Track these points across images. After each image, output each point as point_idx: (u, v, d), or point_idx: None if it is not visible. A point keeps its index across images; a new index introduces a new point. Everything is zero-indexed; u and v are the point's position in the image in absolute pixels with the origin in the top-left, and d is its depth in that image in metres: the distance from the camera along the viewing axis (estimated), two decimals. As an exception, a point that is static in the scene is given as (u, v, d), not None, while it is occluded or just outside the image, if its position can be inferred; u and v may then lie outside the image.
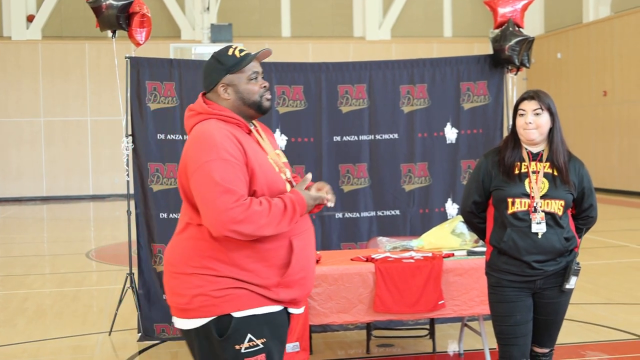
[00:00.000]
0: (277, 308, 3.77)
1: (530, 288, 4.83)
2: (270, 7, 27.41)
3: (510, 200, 4.77)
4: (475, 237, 6.80)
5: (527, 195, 4.75)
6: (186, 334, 3.82)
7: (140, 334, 7.78)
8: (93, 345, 7.83)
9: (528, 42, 7.89)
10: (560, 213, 4.76)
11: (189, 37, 26.38)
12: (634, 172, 23.50)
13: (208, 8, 25.55)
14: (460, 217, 6.94)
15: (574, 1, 26.65)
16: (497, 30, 8.04)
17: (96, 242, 16.34)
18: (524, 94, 4.88)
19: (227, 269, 3.67)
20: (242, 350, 3.66)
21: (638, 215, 19.78)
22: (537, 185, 4.76)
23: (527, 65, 8.02)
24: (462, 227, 6.94)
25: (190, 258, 3.73)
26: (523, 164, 4.82)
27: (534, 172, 4.79)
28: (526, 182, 4.77)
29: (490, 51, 8.12)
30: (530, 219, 4.73)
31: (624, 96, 23.90)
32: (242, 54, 3.86)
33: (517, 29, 7.93)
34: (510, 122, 8.28)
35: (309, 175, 3.89)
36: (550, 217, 4.74)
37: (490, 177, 4.88)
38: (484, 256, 5.84)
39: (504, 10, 8.02)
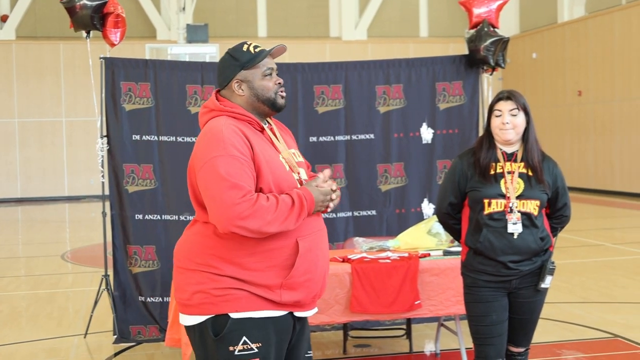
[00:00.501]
0: (279, 313, 3.68)
1: (505, 288, 4.84)
2: (246, 7, 27.37)
3: (486, 201, 4.77)
4: (451, 237, 6.81)
5: (503, 196, 4.76)
6: (187, 330, 3.80)
7: (115, 336, 7.75)
8: (68, 348, 7.78)
9: (503, 43, 7.91)
10: (535, 213, 4.77)
11: (165, 38, 26.29)
12: (609, 171, 23.65)
13: (184, 8, 25.50)
14: (436, 217, 6.95)
15: (548, 1, 26.78)
16: (472, 31, 8.06)
17: (72, 244, 16.25)
18: (500, 94, 4.88)
19: (229, 268, 3.61)
20: (236, 352, 3.60)
21: (613, 214, 19.90)
22: (513, 185, 4.77)
23: (503, 65, 8.04)
24: (438, 227, 6.94)
25: (194, 254, 3.70)
26: (498, 164, 4.82)
27: (509, 173, 4.79)
28: (502, 182, 4.78)
29: (466, 51, 8.14)
30: (506, 220, 4.74)
31: (599, 96, 24.04)
32: (257, 50, 3.82)
33: (492, 29, 7.94)
34: (486, 123, 8.32)
35: (327, 172, 3.79)
36: (526, 217, 4.75)
37: (466, 178, 4.88)
38: (460, 256, 5.85)
39: (479, 11, 8.04)
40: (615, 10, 23.47)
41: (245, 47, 3.83)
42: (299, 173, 3.82)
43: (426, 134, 8.15)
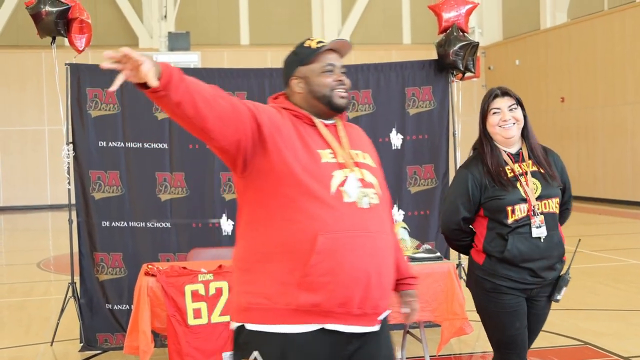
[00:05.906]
0: (301, 328, 3.24)
1: (525, 294, 4.63)
2: (228, 14, 27.31)
3: (509, 208, 4.50)
4: (417, 242, 6.75)
5: (525, 200, 4.51)
6: None
7: (82, 344, 7.69)
8: (33, 356, 7.70)
9: (472, 47, 7.88)
10: (557, 211, 4.60)
11: (147, 46, 26.21)
12: (591, 178, 23.65)
13: (165, 16, 25.43)
14: (402, 223, 6.90)
15: (531, 8, 26.82)
16: (441, 35, 8.02)
17: (50, 252, 16.18)
18: (492, 92, 4.65)
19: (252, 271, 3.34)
20: None
21: (593, 221, 19.88)
22: (530, 187, 4.54)
23: (472, 70, 8.01)
24: (404, 233, 6.87)
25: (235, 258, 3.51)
26: (507, 167, 4.58)
27: (521, 174, 4.57)
28: (518, 185, 4.53)
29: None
30: (530, 224, 4.51)
31: (582, 102, 24.06)
32: (319, 45, 3.51)
33: (461, 34, 7.91)
34: (456, 127, 8.28)
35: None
36: (550, 217, 4.56)
37: (481, 188, 4.58)
38: (425, 262, 5.80)
39: (448, 15, 8.01)
40: (597, 16, 23.51)
41: (307, 43, 3.55)
42: (354, 171, 3.42)
43: (395, 139, 8.09)
